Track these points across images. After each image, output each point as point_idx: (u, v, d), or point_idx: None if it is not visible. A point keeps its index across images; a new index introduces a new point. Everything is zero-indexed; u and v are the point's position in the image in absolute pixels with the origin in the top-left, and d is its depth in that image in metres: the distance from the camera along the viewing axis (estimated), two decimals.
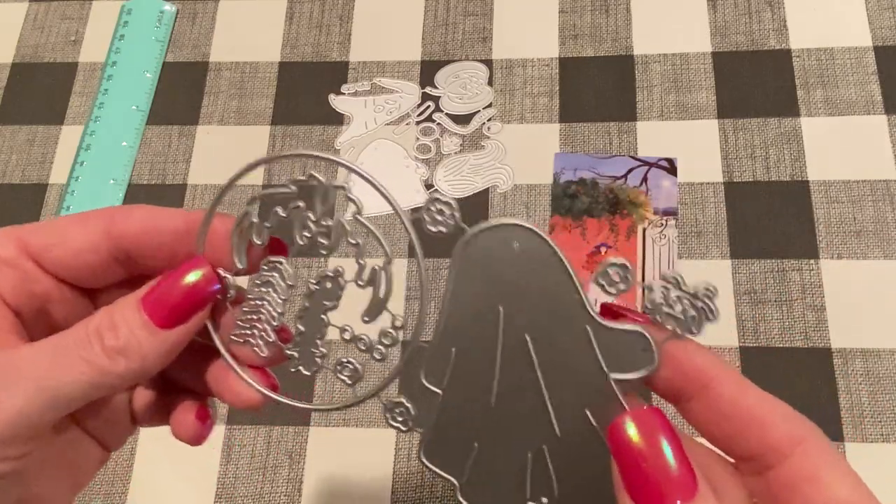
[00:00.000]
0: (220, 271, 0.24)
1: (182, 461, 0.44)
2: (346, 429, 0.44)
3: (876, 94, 0.49)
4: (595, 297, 0.22)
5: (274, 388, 0.25)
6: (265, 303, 0.24)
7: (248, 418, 0.44)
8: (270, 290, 0.24)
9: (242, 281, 0.25)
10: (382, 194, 0.23)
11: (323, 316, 0.24)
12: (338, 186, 0.23)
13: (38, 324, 0.24)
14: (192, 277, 0.23)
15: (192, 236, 0.24)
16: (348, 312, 0.24)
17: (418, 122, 0.51)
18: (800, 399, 0.42)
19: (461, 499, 0.24)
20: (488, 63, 0.52)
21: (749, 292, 0.45)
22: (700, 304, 0.20)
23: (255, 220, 0.24)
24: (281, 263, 0.24)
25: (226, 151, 0.51)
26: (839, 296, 0.44)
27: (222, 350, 0.25)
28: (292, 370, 0.25)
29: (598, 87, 0.51)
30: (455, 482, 0.24)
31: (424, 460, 0.24)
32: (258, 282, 0.24)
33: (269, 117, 0.52)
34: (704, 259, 0.46)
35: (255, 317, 0.24)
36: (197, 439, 0.25)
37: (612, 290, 0.21)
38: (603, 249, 0.46)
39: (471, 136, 0.51)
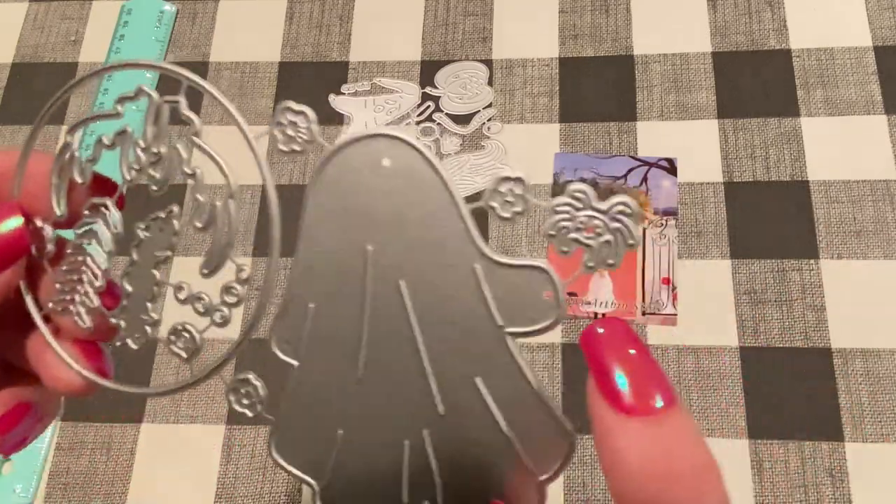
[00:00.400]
0: (37, 221, 0.19)
1: (182, 461, 0.44)
2: None
3: (876, 94, 0.49)
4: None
5: (101, 371, 0.20)
6: (87, 258, 0.19)
7: (248, 418, 0.44)
8: (94, 240, 0.19)
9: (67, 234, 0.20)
10: (223, 104, 0.17)
11: (154, 271, 0.19)
12: (170, 100, 0.17)
13: None
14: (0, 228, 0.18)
15: (6, 178, 0.20)
16: (185, 265, 0.19)
17: (418, 122, 0.51)
18: (800, 399, 0.42)
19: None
20: (488, 63, 0.52)
21: (749, 292, 0.45)
22: (616, 224, 0.16)
23: (76, 153, 0.18)
24: (105, 206, 0.19)
25: (226, 151, 0.51)
26: (839, 296, 0.44)
27: (38, 322, 0.19)
28: (117, 343, 0.19)
29: (598, 87, 0.51)
30: (314, 486, 0.18)
31: (276, 457, 0.19)
32: (79, 232, 0.19)
33: (269, 117, 0.52)
34: (704, 259, 0.46)
35: (76, 277, 0.19)
36: (12, 450, 0.20)
37: (507, 214, 0.17)
38: None
39: (471, 136, 0.51)
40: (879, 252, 0.45)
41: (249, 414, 0.19)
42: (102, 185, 0.19)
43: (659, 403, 0.15)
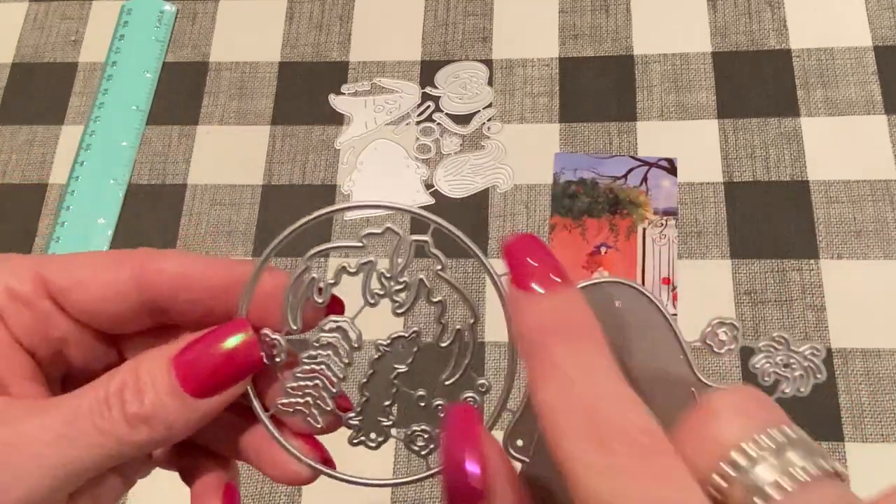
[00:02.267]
0: (268, 332, 0.21)
1: None
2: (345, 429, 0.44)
3: (876, 94, 0.48)
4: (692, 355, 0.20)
5: (326, 461, 0.23)
6: (323, 367, 0.21)
7: None
8: (331, 352, 0.21)
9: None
10: (468, 246, 0.21)
11: (394, 381, 0.22)
12: (419, 240, 0.21)
13: (54, 366, 0.22)
14: (231, 342, 0.20)
15: (234, 293, 0.21)
16: (418, 377, 0.21)
17: (418, 122, 0.51)
18: (800, 399, 0.42)
19: None
20: (488, 63, 0.52)
21: (749, 292, 0.45)
22: (807, 363, 0.20)
23: (315, 276, 0.22)
24: (347, 323, 0.21)
25: (226, 151, 0.51)
26: (839, 296, 0.44)
27: (265, 421, 0.22)
28: (354, 442, 0.23)
29: (598, 87, 0.51)
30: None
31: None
32: (316, 344, 0.21)
33: (269, 117, 0.52)
34: (704, 259, 0.46)
35: (309, 383, 0.21)
36: None
37: (721, 352, 0.21)
38: (603, 249, 0.46)
39: (471, 136, 0.51)
40: (879, 252, 0.45)
41: (423, 453, 0.22)
42: (336, 306, 0.21)
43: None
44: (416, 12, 0.54)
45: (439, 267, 0.21)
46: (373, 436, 0.22)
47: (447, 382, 0.22)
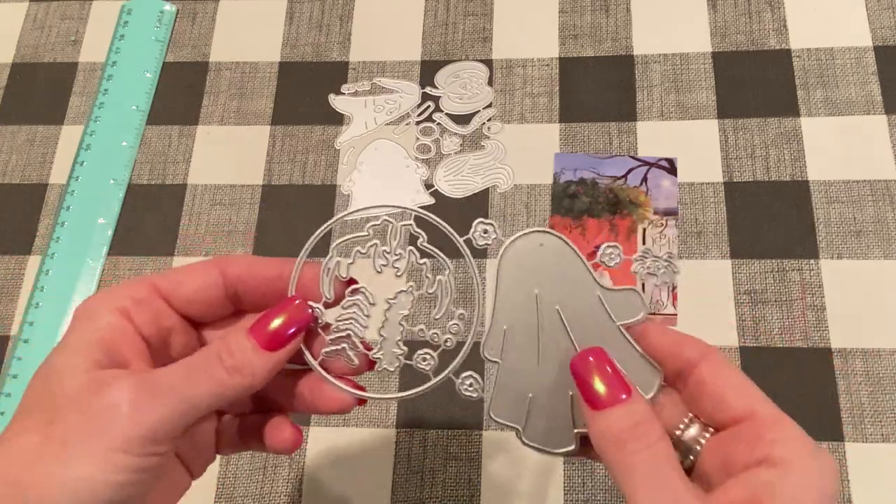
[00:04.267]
0: (311, 304, 0.29)
1: None
2: (346, 429, 0.44)
3: (876, 94, 0.49)
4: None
5: (362, 390, 0.30)
6: (352, 322, 0.29)
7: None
8: (356, 310, 0.30)
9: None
10: (442, 226, 0.32)
11: (401, 323, 0.30)
12: (406, 224, 0.32)
13: (161, 352, 0.28)
14: (289, 312, 0.28)
15: (285, 280, 0.29)
16: (417, 316, 0.31)
17: (418, 122, 0.51)
18: (800, 399, 0.42)
19: (526, 440, 0.28)
20: (488, 63, 0.52)
21: (749, 292, 0.45)
22: (667, 264, 0.29)
23: (339, 259, 0.30)
24: (364, 288, 0.30)
25: (226, 151, 0.51)
26: (839, 296, 0.44)
27: (316, 366, 0.29)
28: (379, 370, 0.30)
29: (598, 87, 0.51)
30: (518, 428, 0.28)
31: (493, 416, 0.29)
32: (344, 307, 0.29)
33: (269, 117, 0.52)
34: (704, 259, 0.46)
35: (344, 335, 0.29)
36: (293, 447, 0.30)
37: (612, 264, 0.29)
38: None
39: (471, 136, 0.51)
40: (879, 252, 0.45)
41: (474, 396, 0.29)
42: (352, 280, 0.30)
43: (623, 396, 0.25)
44: (416, 12, 0.54)
45: (420, 240, 0.31)
46: (390, 363, 0.30)
47: (436, 317, 0.30)
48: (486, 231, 0.32)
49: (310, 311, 0.29)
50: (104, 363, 0.26)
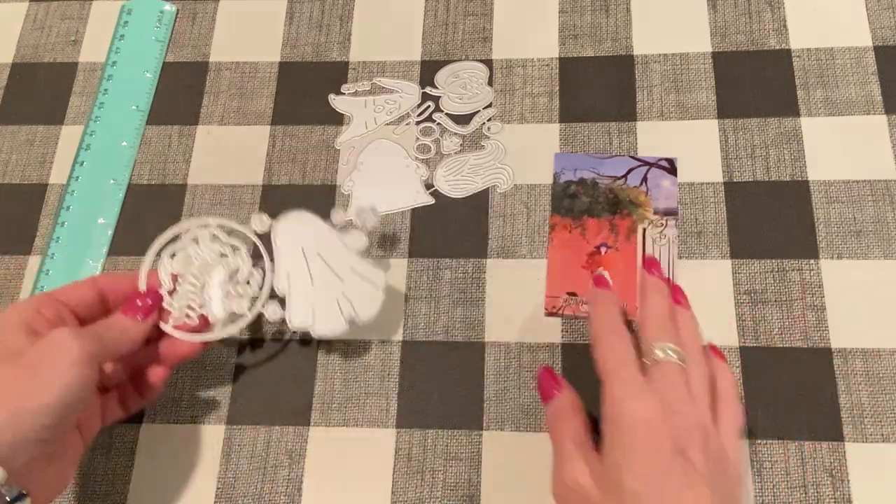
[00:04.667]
0: (160, 291, 0.42)
1: (182, 461, 0.44)
2: (346, 429, 0.44)
3: (876, 94, 0.49)
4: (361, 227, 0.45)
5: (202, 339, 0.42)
6: (188, 295, 0.42)
7: (248, 418, 0.44)
8: (189, 287, 0.42)
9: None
10: (231, 225, 0.44)
11: (220, 287, 0.43)
12: (209, 229, 0.44)
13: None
14: (150, 296, 0.41)
15: (136, 287, 0.42)
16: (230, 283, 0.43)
17: (418, 122, 0.51)
18: (800, 399, 0.42)
19: (316, 334, 0.43)
20: (488, 63, 0.52)
21: (749, 292, 0.45)
22: (369, 214, 0.45)
23: (167, 259, 0.43)
24: (185, 277, 0.42)
25: (226, 151, 0.51)
26: (839, 296, 0.44)
27: (170, 329, 0.41)
28: (212, 321, 0.42)
29: (598, 87, 0.51)
30: (309, 327, 0.42)
31: (291, 325, 0.42)
32: (179, 291, 0.42)
33: (269, 117, 0.52)
34: (704, 259, 0.46)
35: (183, 309, 0.42)
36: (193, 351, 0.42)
37: (369, 226, 0.45)
38: (603, 250, 0.46)
39: (471, 136, 0.51)
40: (879, 252, 0.45)
41: (276, 318, 0.43)
42: (174, 275, 0.42)
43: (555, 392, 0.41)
44: (416, 12, 0.54)
45: (222, 237, 0.44)
46: (217, 314, 0.42)
47: (241, 278, 0.43)
48: (262, 220, 0.44)
49: (159, 295, 0.42)
50: (33, 334, 0.36)
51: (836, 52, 0.50)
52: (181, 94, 0.53)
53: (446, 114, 0.51)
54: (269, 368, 0.45)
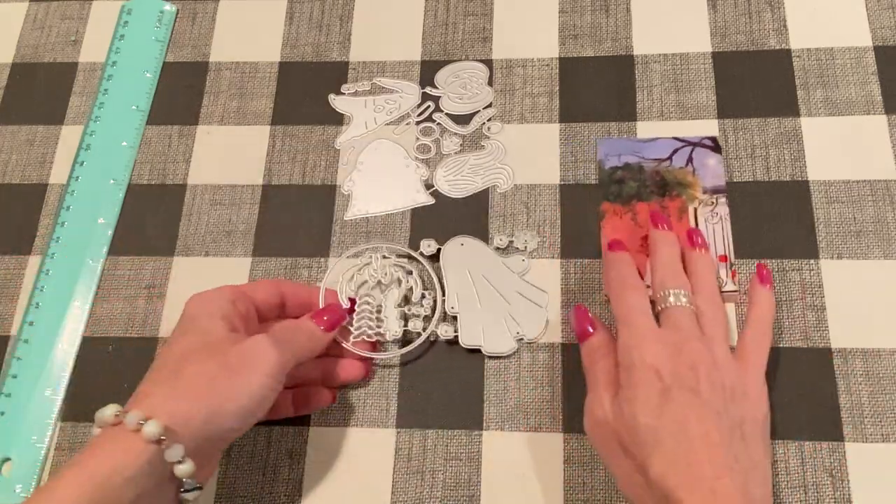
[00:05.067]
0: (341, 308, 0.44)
1: None
2: (346, 429, 0.44)
3: (876, 94, 0.49)
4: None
5: (372, 359, 0.45)
6: (364, 317, 0.44)
7: None
8: (367, 308, 0.45)
9: None
10: (404, 250, 0.47)
11: (397, 306, 0.45)
12: (385, 257, 0.47)
13: (250, 329, 0.41)
14: (334, 310, 0.43)
15: (315, 299, 0.44)
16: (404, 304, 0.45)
17: (418, 122, 0.51)
18: (800, 399, 0.42)
19: (487, 353, 0.44)
20: (488, 63, 0.52)
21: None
22: (528, 237, 0.47)
23: (344, 285, 0.46)
24: (366, 298, 0.45)
25: (226, 151, 0.51)
26: (839, 296, 0.44)
27: (348, 344, 0.44)
28: (388, 339, 0.45)
29: (598, 87, 0.51)
30: (480, 346, 0.44)
31: (463, 344, 0.44)
32: (358, 310, 0.45)
33: (269, 117, 0.52)
34: None
35: (362, 326, 0.44)
36: (363, 373, 0.45)
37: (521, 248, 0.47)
38: None
39: (471, 136, 0.51)
40: (879, 252, 0.45)
41: (451, 336, 0.45)
42: (352, 299, 0.45)
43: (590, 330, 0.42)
44: (416, 12, 0.54)
45: (392, 260, 0.47)
46: (395, 334, 0.45)
47: (415, 300, 0.46)
48: (429, 245, 0.47)
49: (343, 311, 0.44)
50: (231, 328, 0.39)
51: (836, 52, 0.50)
52: (181, 94, 0.53)
53: (446, 114, 0.51)
54: None
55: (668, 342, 0.37)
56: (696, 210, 0.46)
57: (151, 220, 0.50)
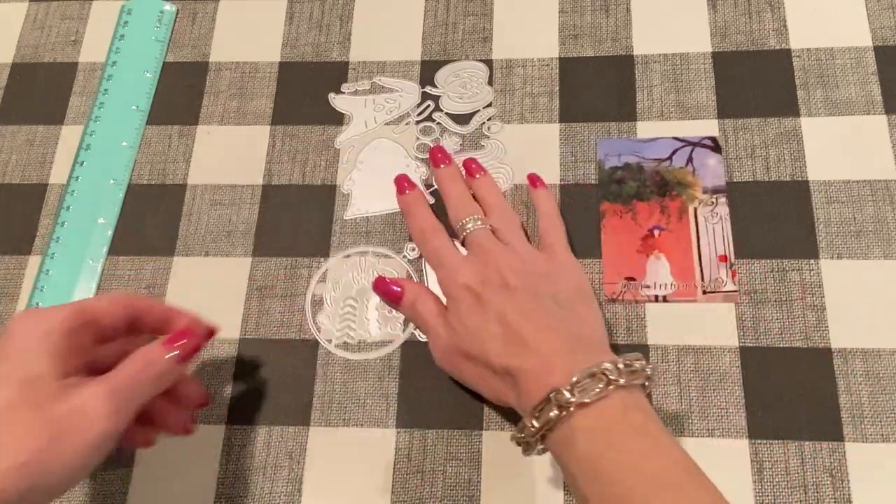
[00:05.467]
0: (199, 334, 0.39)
1: (182, 461, 0.44)
2: (346, 429, 0.44)
3: (876, 94, 0.49)
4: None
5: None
6: (348, 321, 0.46)
7: (248, 418, 0.44)
8: (349, 311, 0.46)
9: None
10: (386, 254, 0.47)
11: (376, 311, 0.46)
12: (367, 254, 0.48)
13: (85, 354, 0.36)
14: (193, 337, 0.38)
15: (174, 316, 0.39)
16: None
17: (418, 122, 0.51)
18: (800, 399, 0.42)
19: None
20: (488, 63, 0.52)
21: (749, 292, 0.45)
22: None
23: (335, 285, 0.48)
24: (354, 300, 0.47)
25: (226, 151, 0.51)
26: (839, 296, 0.44)
27: (331, 347, 0.46)
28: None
29: (598, 87, 0.51)
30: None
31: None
32: (341, 313, 0.47)
33: (269, 117, 0.52)
34: None
35: (345, 326, 0.46)
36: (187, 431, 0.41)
37: None
38: (656, 232, 0.46)
39: (471, 135, 0.51)
40: (879, 252, 0.45)
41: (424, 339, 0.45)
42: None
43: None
44: (416, 12, 0.54)
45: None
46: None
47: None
48: (413, 249, 0.47)
49: (196, 339, 0.38)
50: (63, 370, 0.34)
51: (836, 52, 0.50)
52: (181, 94, 0.53)
53: (446, 113, 0.51)
54: (269, 368, 0.45)
55: (475, 261, 0.42)
56: (696, 210, 0.46)
57: (151, 220, 0.50)
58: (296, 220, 0.49)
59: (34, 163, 0.52)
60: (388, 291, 0.44)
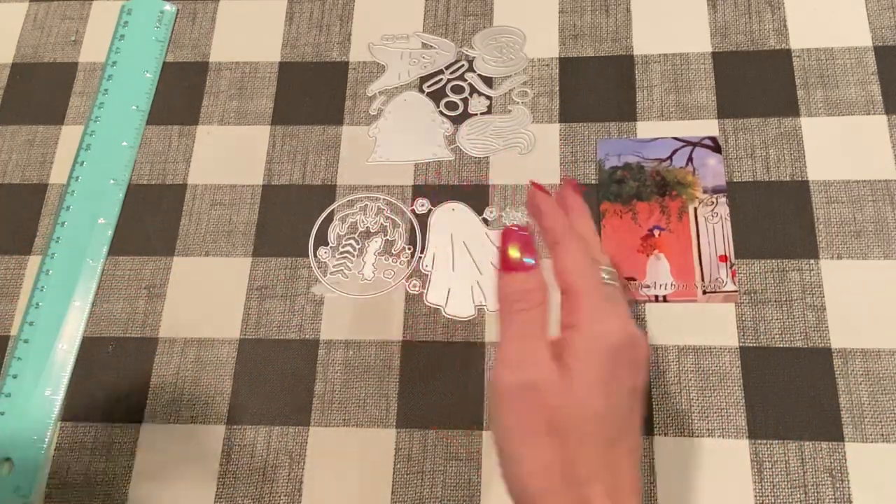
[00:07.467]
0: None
1: (182, 461, 0.44)
2: (346, 429, 0.44)
3: (876, 94, 0.49)
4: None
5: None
6: (346, 258, 0.47)
7: (248, 418, 0.44)
8: (349, 249, 0.48)
9: None
10: (398, 203, 0.49)
11: (374, 255, 0.48)
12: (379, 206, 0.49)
13: None
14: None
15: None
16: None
17: (450, 80, 0.52)
18: (800, 399, 0.42)
19: (446, 314, 0.46)
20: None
21: (749, 292, 0.45)
22: (516, 216, 0.48)
23: (338, 223, 0.49)
24: (355, 240, 0.48)
25: (226, 151, 0.51)
26: (839, 296, 0.44)
27: (325, 283, 0.47)
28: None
29: (598, 87, 0.51)
30: (441, 306, 0.46)
31: (427, 301, 0.46)
32: (341, 250, 0.48)
33: (269, 117, 0.52)
34: None
35: (342, 263, 0.47)
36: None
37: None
38: (657, 232, 0.46)
39: (499, 98, 0.51)
40: (879, 252, 0.45)
41: (415, 292, 0.46)
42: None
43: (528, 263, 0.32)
44: (417, 13, 0.54)
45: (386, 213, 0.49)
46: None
47: (395, 251, 0.48)
48: (422, 204, 0.48)
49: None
50: None
51: (836, 52, 0.50)
52: (181, 94, 0.53)
53: (479, 75, 0.52)
54: (269, 368, 0.45)
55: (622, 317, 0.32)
56: (696, 210, 0.46)
57: (151, 220, 0.50)
58: (296, 220, 0.49)
59: (34, 163, 0.52)
60: (525, 242, 0.33)
